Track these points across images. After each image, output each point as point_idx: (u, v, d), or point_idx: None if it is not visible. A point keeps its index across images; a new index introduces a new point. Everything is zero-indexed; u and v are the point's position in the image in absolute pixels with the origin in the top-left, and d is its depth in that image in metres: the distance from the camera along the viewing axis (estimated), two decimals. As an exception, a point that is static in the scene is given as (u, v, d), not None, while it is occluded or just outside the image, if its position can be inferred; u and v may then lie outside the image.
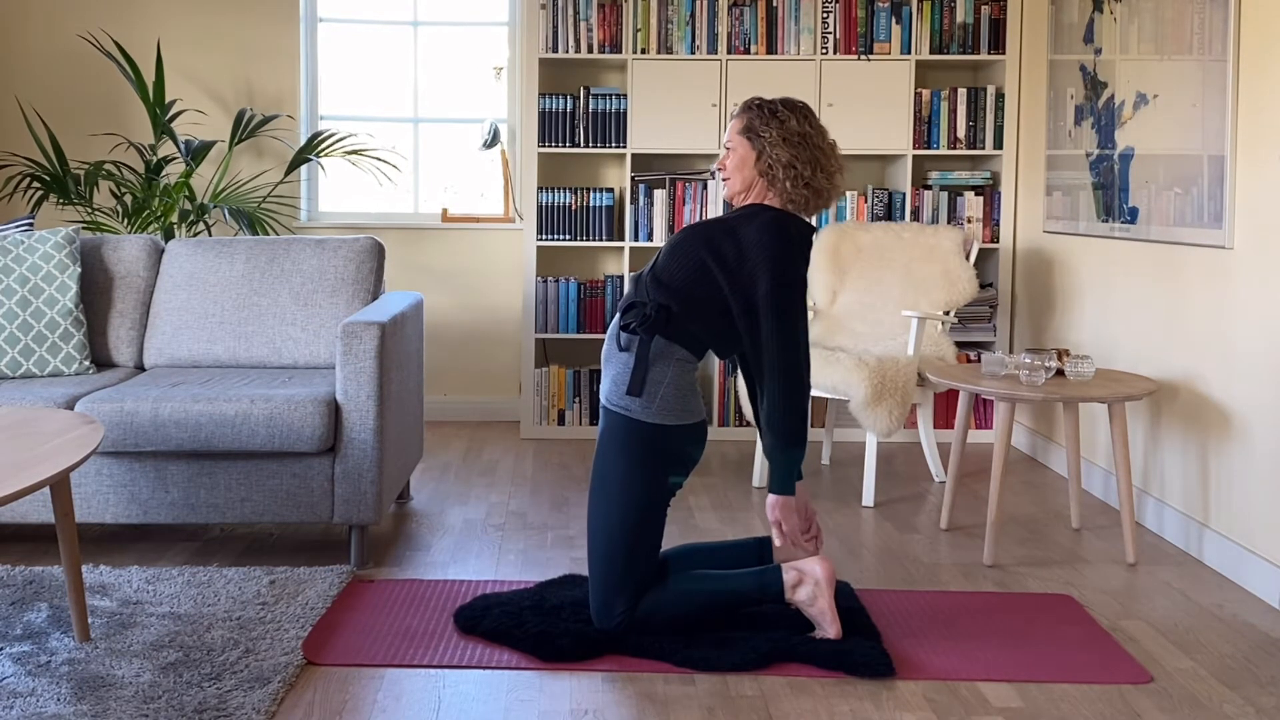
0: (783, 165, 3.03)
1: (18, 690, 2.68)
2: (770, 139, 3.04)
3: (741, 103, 3.16)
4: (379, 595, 3.37)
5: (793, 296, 2.96)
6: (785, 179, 3.03)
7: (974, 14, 5.48)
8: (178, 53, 5.66)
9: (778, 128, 3.05)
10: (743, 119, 3.11)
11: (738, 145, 3.09)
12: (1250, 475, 3.57)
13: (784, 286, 2.94)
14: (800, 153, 3.04)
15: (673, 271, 3.04)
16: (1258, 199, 3.53)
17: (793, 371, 2.95)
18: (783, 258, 2.96)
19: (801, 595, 3.02)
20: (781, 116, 3.07)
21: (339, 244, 4.34)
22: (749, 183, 3.09)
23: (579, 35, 5.48)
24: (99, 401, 3.55)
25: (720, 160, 3.15)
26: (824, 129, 3.12)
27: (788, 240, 2.99)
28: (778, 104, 3.10)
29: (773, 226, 3.00)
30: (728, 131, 3.14)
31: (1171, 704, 2.74)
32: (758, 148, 3.06)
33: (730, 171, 3.11)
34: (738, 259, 2.98)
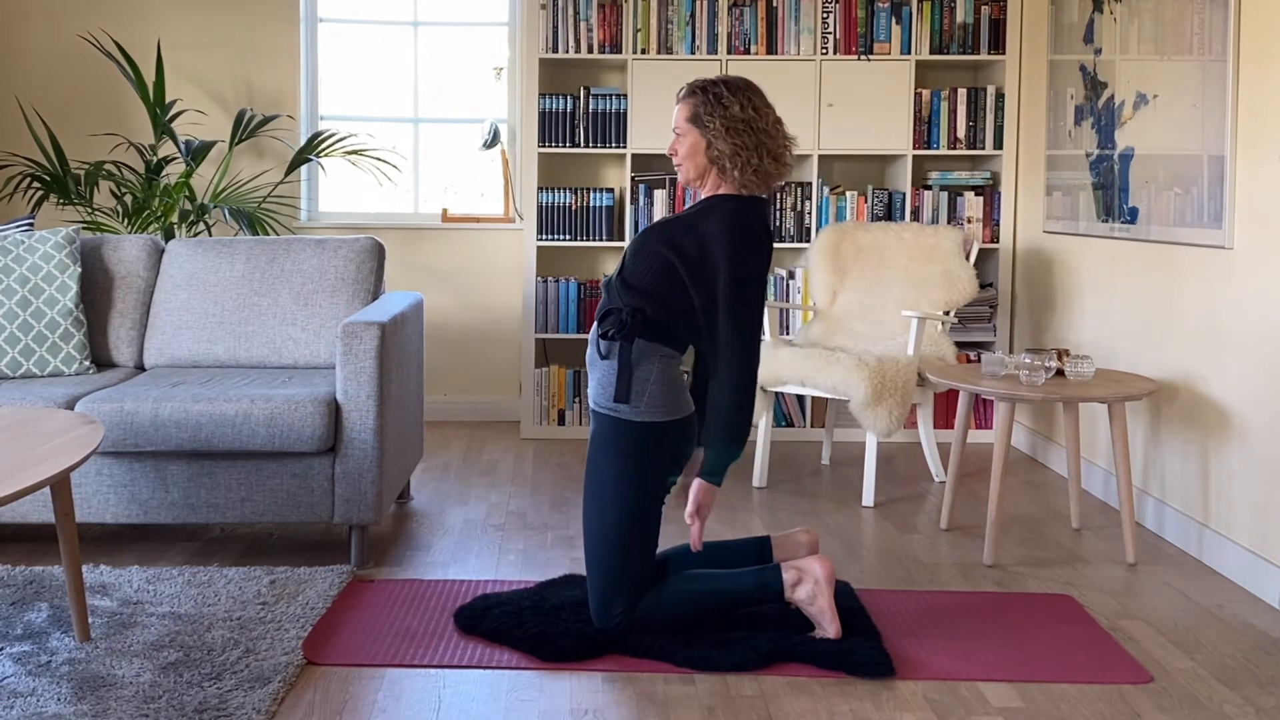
0: (728, 156, 3.00)
1: (18, 690, 2.68)
2: (714, 129, 3.00)
3: (685, 86, 3.10)
4: (379, 595, 3.38)
5: (750, 293, 2.93)
6: (734, 168, 3.01)
7: (974, 14, 5.48)
8: (178, 53, 5.67)
9: (721, 115, 3.00)
10: (689, 105, 3.06)
11: (687, 132, 3.05)
12: (1250, 475, 3.58)
13: (741, 282, 2.92)
14: (746, 140, 3.00)
15: (639, 274, 3.02)
16: (1258, 199, 3.53)
17: (746, 370, 2.94)
18: (741, 251, 2.93)
19: (801, 594, 3.02)
20: (726, 102, 3.02)
21: (339, 244, 4.34)
22: (702, 170, 3.06)
23: (579, 35, 5.48)
24: (99, 401, 3.56)
25: (671, 145, 3.10)
26: (768, 108, 3.08)
27: (748, 233, 2.96)
28: (722, 88, 3.04)
29: (732, 219, 2.97)
30: (676, 114, 3.09)
31: (1171, 704, 2.75)
32: (706, 137, 3.03)
33: (682, 159, 3.07)
34: (699, 255, 2.95)
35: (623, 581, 2.98)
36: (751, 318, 2.95)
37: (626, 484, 2.99)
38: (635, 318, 2.97)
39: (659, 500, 3.04)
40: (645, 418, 2.97)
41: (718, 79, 3.08)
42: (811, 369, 4.45)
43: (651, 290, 2.99)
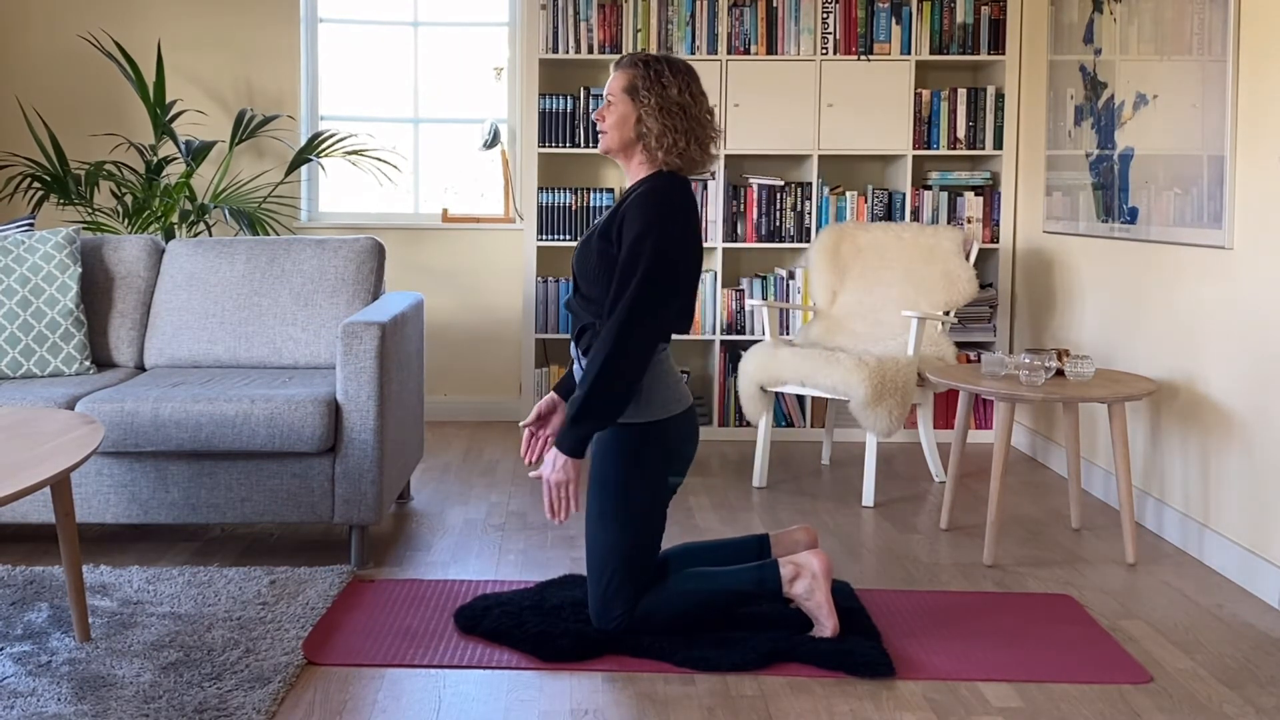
0: (654, 135, 2.97)
1: (18, 690, 2.68)
2: (648, 105, 2.98)
3: (627, 56, 3.07)
4: (379, 595, 3.38)
5: (652, 266, 2.85)
6: (658, 148, 2.98)
7: (974, 14, 5.48)
8: (178, 53, 5.67)
9: (659, 94, 2.98)
10: (627, 76, 3.02)
11: (619, 103, 3.01)
12: (1250, 475, 3.58)
13: (638, 255, 2.85)
14: (677, 122, 2.98)
15: (590, 280, 3.00)
16: (1257, 199, 3.53)
17: (621, 348, 2.84)
18: (652, 222, 2.88)
19: (799, 589, 3.02)
20: (665, 81, 2.99)
21: (339, 244, 4.34)
22: (626, 143, 3.02)
23: (579, 36, 5.48)
24: (99, 401, 3.56)
25: (599, 111, 3.06)
26: (704, 96, 3.05)
27: (665, 206, 2.92)
28: (664, 66, 3.02)
29: (648, 196, 2.94)
30: (612, 82, 3.05)
31: (1171, 704, 2.75)
32: (637, 111, 3.00)
33: (608, 127, 3.03)
34: (623, 235, 2.92)
35: (624, 583, 2.98)
36: (646, 294, 2.85)
37: (630, 487, 2.98)
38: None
39: (662, 501, 3.04)
40: (645, 418, 2.96)
41: (661, 56, 3.06)
42: (811, 369, 4.46)
43: (597, 277, 2.97)
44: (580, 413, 2.87)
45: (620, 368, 2.85)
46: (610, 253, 2.94)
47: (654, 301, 2.87)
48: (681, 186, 3.00)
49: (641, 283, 2.85)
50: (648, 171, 3.03)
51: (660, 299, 2.88)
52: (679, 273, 2.92)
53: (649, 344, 2.89)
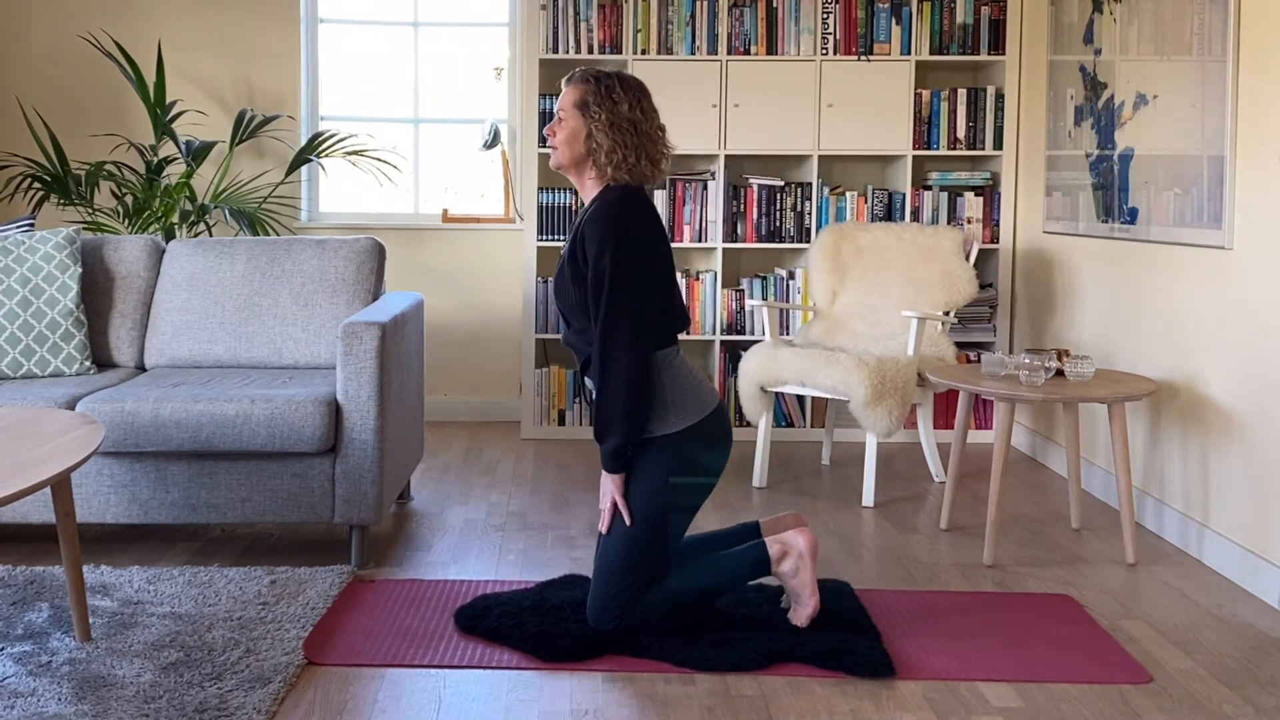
0: (605, 150, 2.98)
1: (19, 690, 2.68)
2: (599, 121, 2.98)
3: (579, 71, 3.07)
4: (379, 595, 3.38)
5: (619, 273, 2.87)
6: (608, 164, 2.98)
7: (974, 15, 5.48)
8: (178, 53, 5.67)
9: (609, 110, 2.98)
10: (578, 91, 3.03)
11: (570, 118, 3.02)
12: (1250, 475, 3.58)
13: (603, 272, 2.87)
14: (628, 139, 2.98)
15: (572, 307, 3.02)
16: (1257, 199, 3.53)
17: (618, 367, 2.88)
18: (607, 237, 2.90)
19: (785, 567, 3.06)
20: (616, 97, 2.99)
21: (339, 244, 4.34)
22: (576, 158, 3.03)
23: (579, 36, 5.48)
24: (100, 402, 3.56)
25: (550, 127, 3.07)
26: (654, 112, 3.06)
27: (621, 218, 2.93)
28: (615, 82, 3.02)
29: (602, 210, 2.95)
30: (561, 98, 3.06)
31: (1171, 704, 2.75)
32: (588, 126, 3.00)
33: (559, 143, 3.04)
34: (587, 255, 2.94)
35: (628, 589, 2.98)
36: (623, 306, 2.87)
37: (649, 499, 2.98)
38: None
39: (688, 508, 3.04)
40: (674, 427, 2.97)
41: (612, 72, 3.06)
42: (811, 369, 4.46)
43: (581, 305, 2.99)
44: (602, 431, 2.93)
45: (621, 380, 2.88)
46: (582, 275, 2.96)
47: (630, 306, 2.89)
48: (632, 193, 3.01)
49: (612, 293, 2.88)
50: (598, 187, 3.05)
51: (635, 302, 2.90)
52: (647, 274, 2.93)
53: (639, 348, 2.90)
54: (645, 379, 2.91)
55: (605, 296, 2.88)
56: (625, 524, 2.98)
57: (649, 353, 2.93)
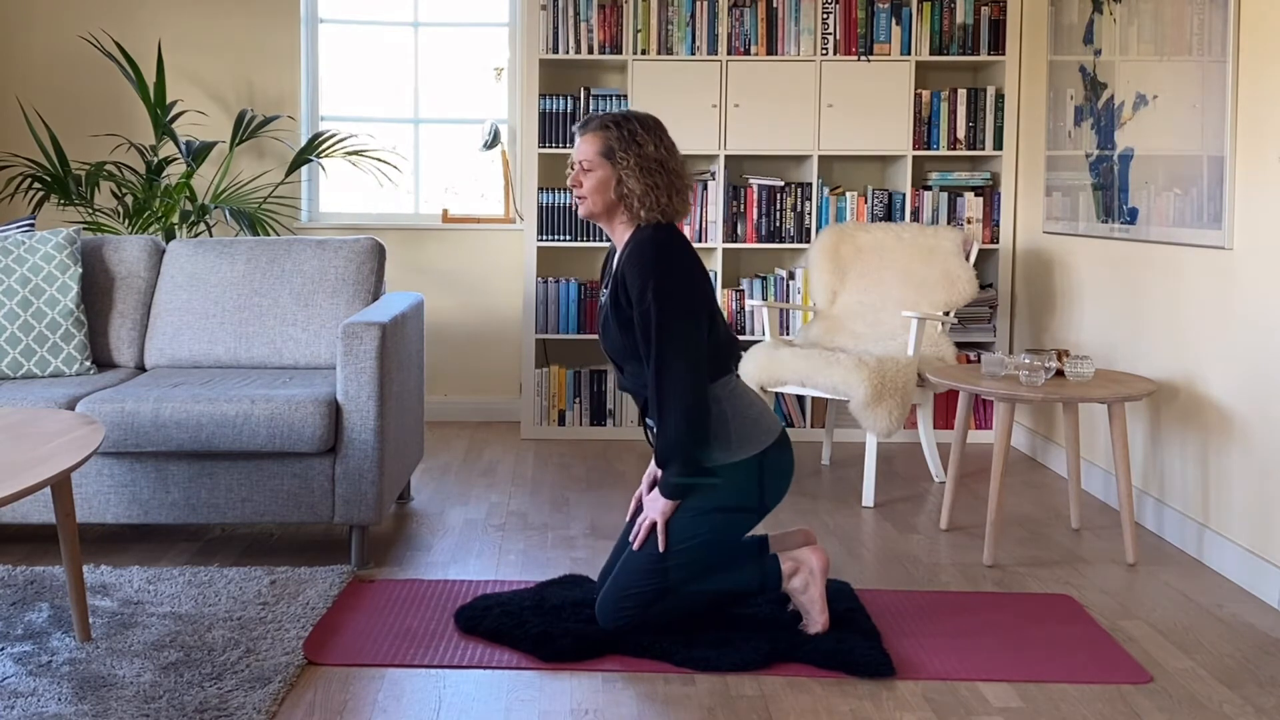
0: (638, 195, 2.97)
1: (19, 690, 2.68)
2: (628, 166, 2.97)
3: (595, 119, 3.05)
4: (380, 595, 3.38)
5: (666, 308, 2.88)
6: (641, 207, 2.98)
7: (974, 15, 5.48)
8: (178, 54, 5.67)
9: (636, 154, 2.98)
10: (601, 139, 3.01)
11: (597, 167, 3.00)
12: (1250, 475, 3.58)
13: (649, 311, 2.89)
14: (658, 180, 2.98)
15: (625, 356, 3.03)
16: (1257, 200, 3.53)
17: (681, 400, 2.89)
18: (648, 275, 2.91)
19: (795, 583, 3.06)
20: (640, 140, 2.99)
21: (340, 244, 4.34)
22: (609, 205, 3.02)
23: (579, 36, 5.48)
24: (100, 402, 3.56)
25: (574, 176, 3.04)
26: (675, 146, 3.07)
27: (659, 256, 2.94)
28: (635, 125, 3.01)
29: (641, 249, 2.96)
30: (582, 146, 3.03)
31: (1171, 704, 2.75)
32: (616, 173, 2.99)
33: (588, 193, 3.02)
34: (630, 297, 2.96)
35: (646, 598, 2.98)
36: (670, 338, 2.89)
37: (703, 523, 2.97)
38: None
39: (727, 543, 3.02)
40: (737, 455, 2.97)
41: (628, 114, 3.05)
42: (811, 369, 4.46)
43: (631, 349, 2.99)
44: (664, 461, 2.95)
45: (681, 414, 2.89)
46: (627, 319, 2.97)
47: (680, 342, 2.90)
48: (665, 229, 3.01)
49: (661, 331, 2.88)
50: (630, 229, 3.04)
51: (685, 337, 2.90)
52: (691, 308, 2.94)
53: (696, 382, 2.90)
54: (705, 412, 2.92)
55: (654, 335, 2.89)
56: (668, 546, 2.97)
57: (706, 385, 2.94)
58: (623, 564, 3.03)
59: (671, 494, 2.96)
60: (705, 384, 2.93)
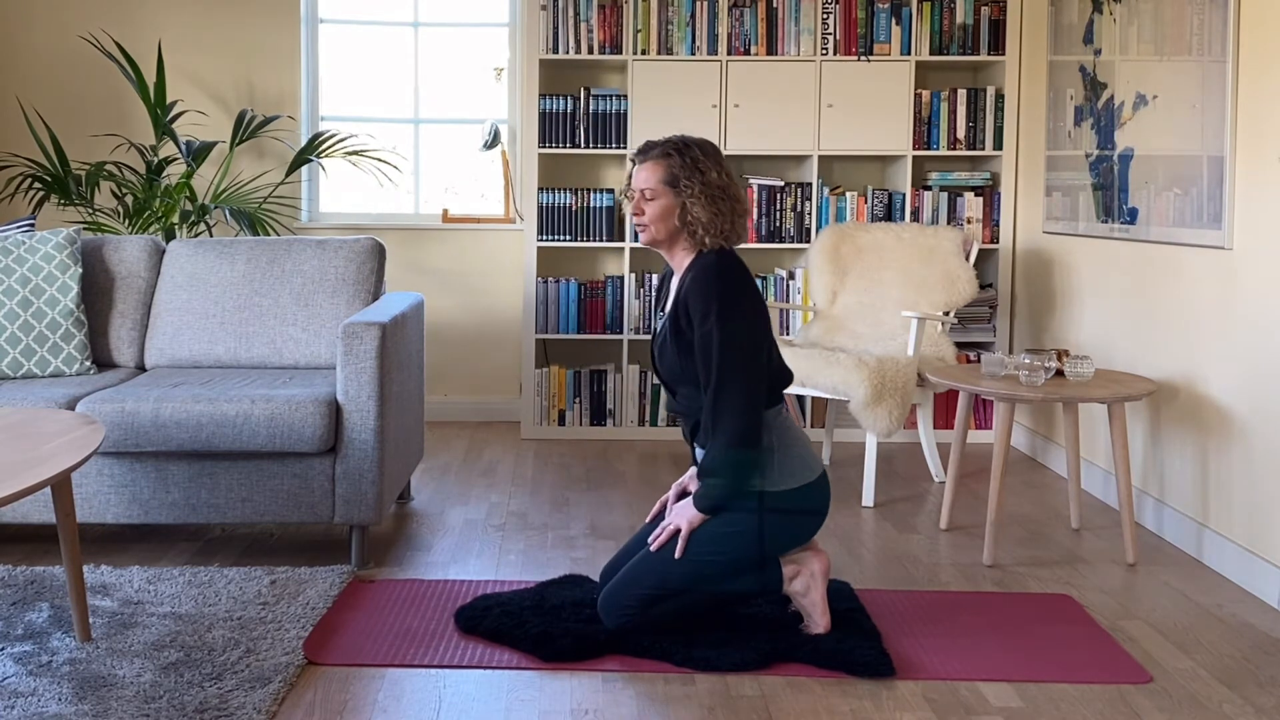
0: (703, 224, 2.97)
1: (19, 690, 2.68)
2: (693, 194, 2.97)
3: (656, 146, 3.04)
4: (380, 595, 3.38)
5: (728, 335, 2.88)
6: (706, 234, 2.99)
7: (974, 15, 5.48)
8: (179, 54, 5.67)
9: (700, 181, 2.97)
10: (663, 167, 3.00)
11: (661, 195, 2.99)
12: (1250, 475, 3.58)
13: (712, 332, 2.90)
14: (721, 206, 2.99)
15: (680, 379, 3.03)
16: (1257, 200, 3.53)
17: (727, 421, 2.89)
18: (710, 298, 2.92)
19: (797, 586, 3.06)
20: (703, 167, 2.99)
21: (340, 244, 4.34)
22: (671, 233, 3.02)
23: (579, 36, 5.48)
24: (100, 402, 3.56)
25: (636, 204, 3.03)
26: (732, 171, 3.08)
27: (723, 281, 2.95)
28: (696, 152, 3.01)
29: (705, 274, 2.96)
30: (642, 174, 3.02)
31: (1171, 704, 2.75)
32: (680, 201, 2.99)
33: (651, 220, 3.01)
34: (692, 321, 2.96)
35: (649, 600, 2.98)
36: (730, 365, 2.89)
37: (725, 544, 2.97)
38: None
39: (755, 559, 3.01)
40: (778, 486, 2.97)
41: (687, 141, 3.05)
42: (811, 369, 4.46)
43: (687, 372, 2.99)
44: (708, 473, 2.96)
45: (734, 438, 2.89)
46: (687, 344, 2.97)
47: (741, 369, 2.90)
48: (727, 256, 3.02)
49: (723, 357, 2.89)
50: (692, 254, 3.04)
51: (745, 365, 2.91)
52: (753, 334, 2.95)
53: (753, 410, 2.91)
54: (757, 437, 2.93)
55: (716, 359, 2.89)
56: (688, 556, 2.97)
57: (761, 411, 2.95)
58: (634, 562, 3.04)
59: (705, 507, 2.96)
60: (761, 409, 2.94)
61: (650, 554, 3.01)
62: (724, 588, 3.02)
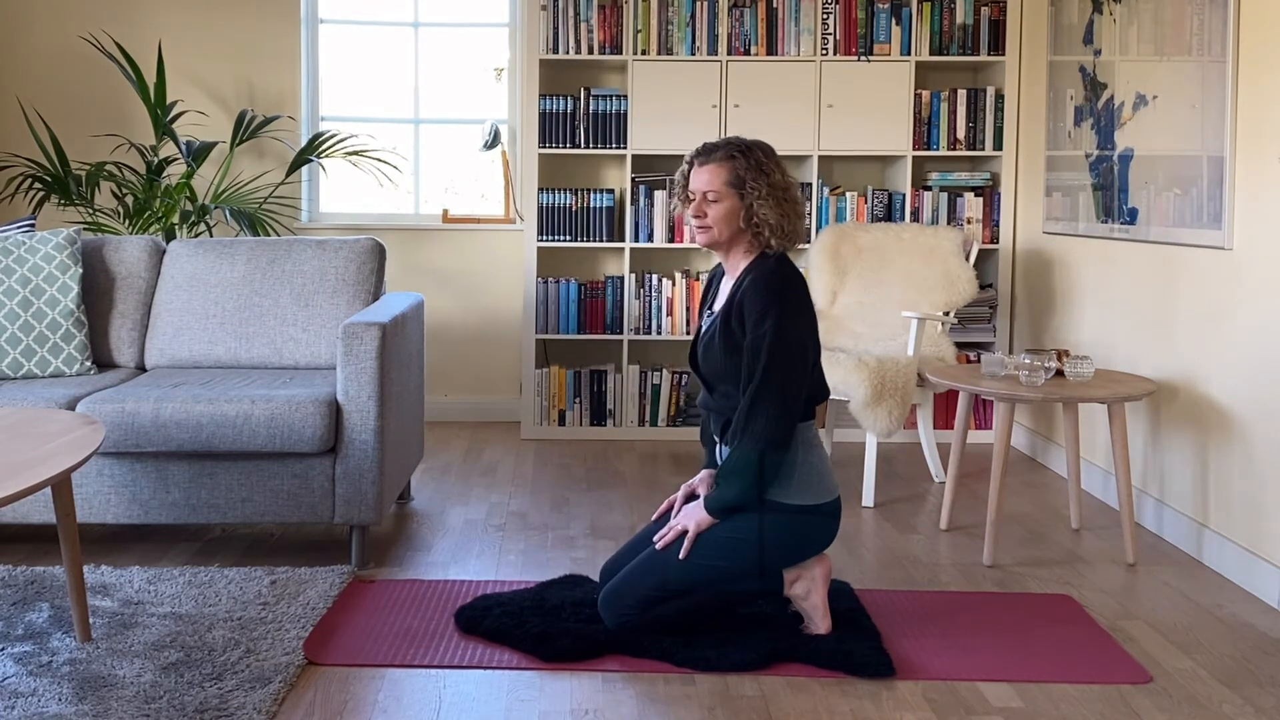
0: (770, 225, 2.97)
1: (19, 690, 2.69)
2: (760, 195, 2.96)
3: (718, 148, 3.03)
4: (380, 595, 3.38)
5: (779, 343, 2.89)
6: (771, 236, 2.99)
7: (974, 15, 5.48)
8: (179, 54, 5.67)
9: (766, 183, 2.97)
10: (728, 168, 2.99)
11: (724, 197, 2.99)
12: (1250, 475, 3.58)
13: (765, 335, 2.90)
14: (785, 208, 2.99)
15: (722, 378, 3.02)
16: (1257, 200, 3.53)
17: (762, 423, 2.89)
18: (772, 302, 2.92)
19: (798, 589, 3.06)
20: (766, 169, 2.99)
21: (340, 245, 4.34)
22: (733, 235, 3.02)
23: (579, 36, 5.48)
24: (100, 402, 3.56)
25: (697, 206, 3.01)
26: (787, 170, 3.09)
27: (788, 286, 2.96)
28: (758, 153, 3.01)
29: (768, 279, 2.96)
30: (704, 176, 3.00)
31: (1171, 704, 2.75)
32: (746, 202, 2.98)
33: (714, 222, 3.00)
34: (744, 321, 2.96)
35: (648, 601, 2.99)
36: (776, 370, 2.89)
37: (729, 551, 2.96)
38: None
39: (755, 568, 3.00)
40: (791, 500, 2.97)
41: (748, 142, 3.04)
42: (812, 369, 4.45)
43: (729, 372, 2.99)
44: (723, 478, 2.95)
45: (761, 444, 2.89)
46: (736, 344, 2.97)
47: (785, 379, 2.90)
48: (788, 263, 3.03)
49: (770, 364, 2.89)
50: (750, 256, 3.04)
51: (790, 370, 2.91)
52: (804, 345, 2.96)
53: (787, 421, 2.91)
54: (785, 448, 2.93)
55: (764, 362, 2.89)
56: (693, 560, 2.97)
57: (795, 422, 2.95)
58: (636, 562, 3.04)
59: (716, 508, 2.97)
60: (795, 417, 2.95)
61: (652, 555, 3.01)
62: (724, 590, 3.02)
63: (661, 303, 5.58)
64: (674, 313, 5.57)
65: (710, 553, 2.96)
